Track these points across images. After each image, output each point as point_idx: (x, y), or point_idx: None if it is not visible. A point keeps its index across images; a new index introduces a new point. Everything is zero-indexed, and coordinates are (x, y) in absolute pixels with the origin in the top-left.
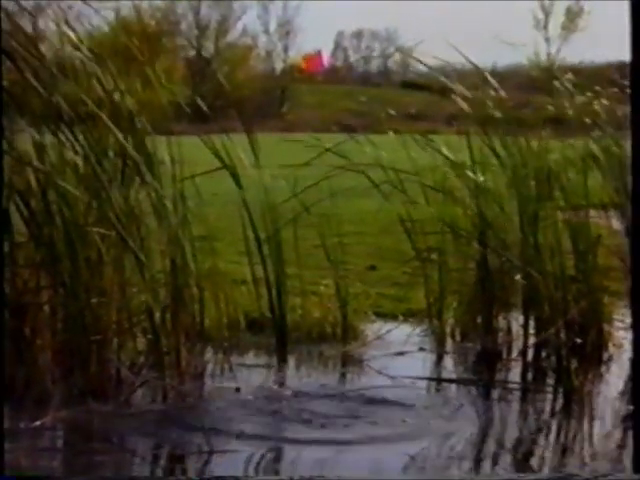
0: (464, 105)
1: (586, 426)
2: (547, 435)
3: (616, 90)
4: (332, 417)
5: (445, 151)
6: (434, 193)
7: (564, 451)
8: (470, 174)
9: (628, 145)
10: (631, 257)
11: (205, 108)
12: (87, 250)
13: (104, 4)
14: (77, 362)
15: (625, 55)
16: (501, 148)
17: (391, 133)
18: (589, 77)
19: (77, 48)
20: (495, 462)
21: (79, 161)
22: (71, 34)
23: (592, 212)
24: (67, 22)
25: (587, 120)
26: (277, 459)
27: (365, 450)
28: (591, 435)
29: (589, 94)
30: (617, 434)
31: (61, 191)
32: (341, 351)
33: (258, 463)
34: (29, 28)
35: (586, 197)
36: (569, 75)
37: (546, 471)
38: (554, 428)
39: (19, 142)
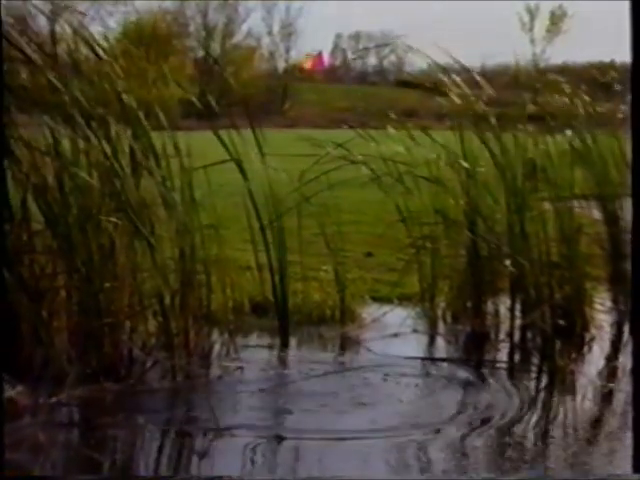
0: (456, 101)
1: (569, 402)
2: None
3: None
4: None
5: (438, 145)
6: (428, 185)
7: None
8: (461, 167)
9: (606, 140)
10: (632, 256)
11: (214, 105)
12: (100, 238)
13: (118, 8)
14: (91, 343)
15: (605, 56)
16: (490, 142)
17: (390, 128)
18: (571, 76)
19: (92, 49)
20: None
21: (94, 154)
22: (87, 36)
23: (574, 202)
24: (83, 25)
25: (568, 116)
26: None
27: None
28: (573, 410)
29: (569, 92)
30: (597, 409)
31: (76, 182)
32: (339, 333)
33: None
34: (46, 29)
35: (569, 188)
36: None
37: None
38: (539, 403)
39: (37, 136)
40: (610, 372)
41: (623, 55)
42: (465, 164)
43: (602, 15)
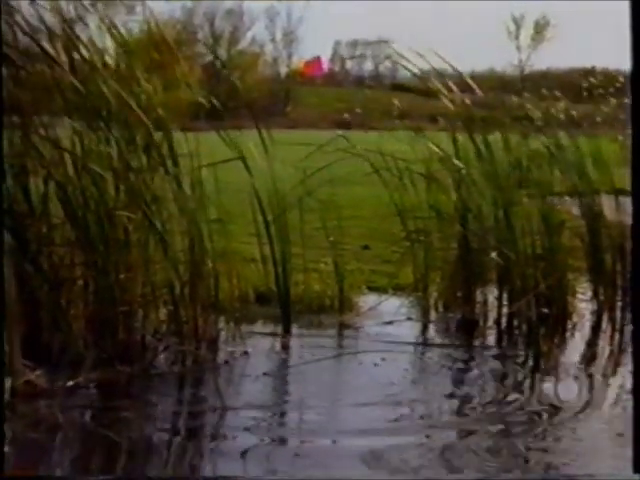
0: (448, 104)
1: (552, 384)
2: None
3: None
4: None
5: (430, 145)
6: (421, 182)
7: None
8: (453, 165)
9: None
10: (632, 254)
11: (221, 107)
12: (116, 231)
13: (131, 17)
14: (107, 330)
15: (586, 62)
16: (479, 143)
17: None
18: (554, 81)
19: (111, 53)
20: None
21: (112, 152)
22: (107, 40)
23: (556, 199)
24: (106, 29)
25: (550, 119)
26: None
27: None
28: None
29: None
30: (578, 388)
31: (95, 178)
32: (338, 320)
33: None
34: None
35: (551, 186)
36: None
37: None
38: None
39: (60, 135)
40: (590, 356)
41: (604, 61)
42: (457, 162)
43: (585, 23)
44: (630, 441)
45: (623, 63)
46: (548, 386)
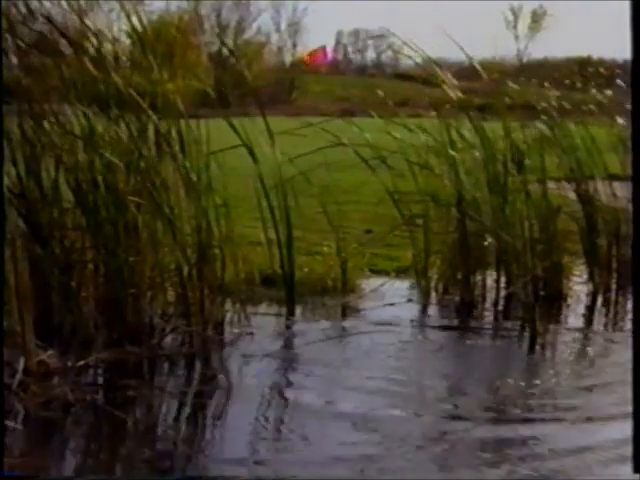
0: (448, 92)
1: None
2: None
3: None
4: None
5: (428, 133)
6: (419, 168)
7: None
8: (456, 151)
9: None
10: (632, 252)
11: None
12: (125, 216)
13: (142, 8)
14: (116, 311)
15: (582, 51)
16: (475, 130)
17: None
18: (551, 69)
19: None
20: None
21: (122, 138)
22: (117, 32)
23: (552, 184)
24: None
25: (545, 106)
26: None
27: None
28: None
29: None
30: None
31: (105, 164)
32: (341, 302)
33: None
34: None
35: (549, 172)
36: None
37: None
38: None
39: (71, 122)
40: (585, 335)
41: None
42: (452, 150)
43: (579, 15)
44: None
45: (621, 52)
46: None
